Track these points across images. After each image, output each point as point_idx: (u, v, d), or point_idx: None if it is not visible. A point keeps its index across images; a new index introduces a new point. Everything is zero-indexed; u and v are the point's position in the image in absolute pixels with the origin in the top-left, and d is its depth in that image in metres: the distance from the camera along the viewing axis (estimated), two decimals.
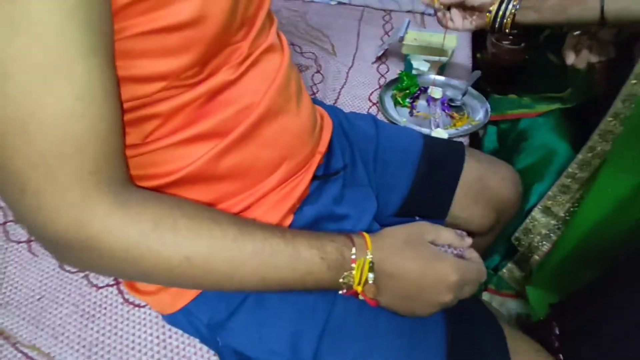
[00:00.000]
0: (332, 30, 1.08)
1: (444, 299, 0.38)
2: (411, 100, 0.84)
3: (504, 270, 0.98)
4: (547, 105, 0.90)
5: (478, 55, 1.11)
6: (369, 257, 0.38)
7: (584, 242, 0.73)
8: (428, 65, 0.89)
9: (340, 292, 0.38)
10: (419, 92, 0.85)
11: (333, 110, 0.59)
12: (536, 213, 0.79)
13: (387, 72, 0.94)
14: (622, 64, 0.72)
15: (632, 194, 0.66)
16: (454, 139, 0.75)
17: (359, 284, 0.38)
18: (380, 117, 0.81)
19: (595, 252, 0.73)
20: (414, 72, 0.89)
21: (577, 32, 0.67)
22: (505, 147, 0.98)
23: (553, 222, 0.77)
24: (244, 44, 0.38)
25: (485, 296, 1.04)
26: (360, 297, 0.39)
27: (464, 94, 0.85)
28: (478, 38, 1.05)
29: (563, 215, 0.75)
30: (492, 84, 0.96)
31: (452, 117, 0.82)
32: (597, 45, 0.66)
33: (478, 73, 0.88)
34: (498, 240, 0.93)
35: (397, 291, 0.39)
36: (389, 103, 0.83)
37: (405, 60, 0.93)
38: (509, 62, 0.89)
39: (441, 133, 0.75)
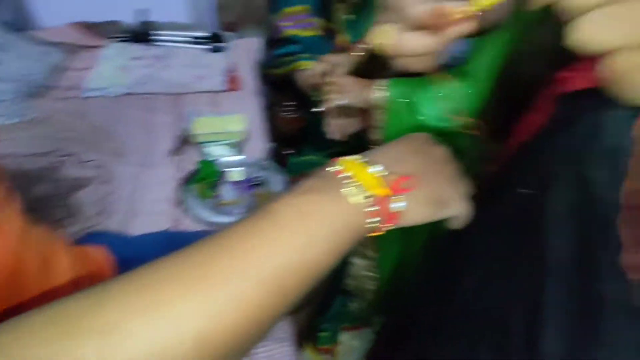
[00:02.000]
0: (119, 126, 1.01)
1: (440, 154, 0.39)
2: (214, 190, 0.83)
3: (353, 304, 1.06)
4: None
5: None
6: (354, 157, 0.33)
7: (395, 278, 0.83)
8: (223, 148, 0.91)
9: (367, 221, 0.31)
10: (220, 178, 0.85)
11: (114, 248, 0.53)
12: (353, 258, 0.88)
13: (186, 163, 0.92)
14: None
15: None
16: None
17: (368, 184, 0.31)
18: (185, 219, 0.78)
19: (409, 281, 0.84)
20: (211, 158, 0.89)
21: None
22: None
23: (367, 262, 0.86)
24: None
25: (345, 336, 1.10)
26: (392, 199, 0.32)
27: (264, 170, 0.89)
28: (271, 109, 1.13)
29: (372, 254, 0.84)
30: (287, 149, 1.04)
31: (258, 196, 0.84)
32: (347, 119, 0.75)
33: (272, 146, 0.94)
34: (334, 284, 1.00)
35: (405, 161, 0.35)
36: (192, 200, 0.81)
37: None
38: (291, 129, 0.98)
39: None
